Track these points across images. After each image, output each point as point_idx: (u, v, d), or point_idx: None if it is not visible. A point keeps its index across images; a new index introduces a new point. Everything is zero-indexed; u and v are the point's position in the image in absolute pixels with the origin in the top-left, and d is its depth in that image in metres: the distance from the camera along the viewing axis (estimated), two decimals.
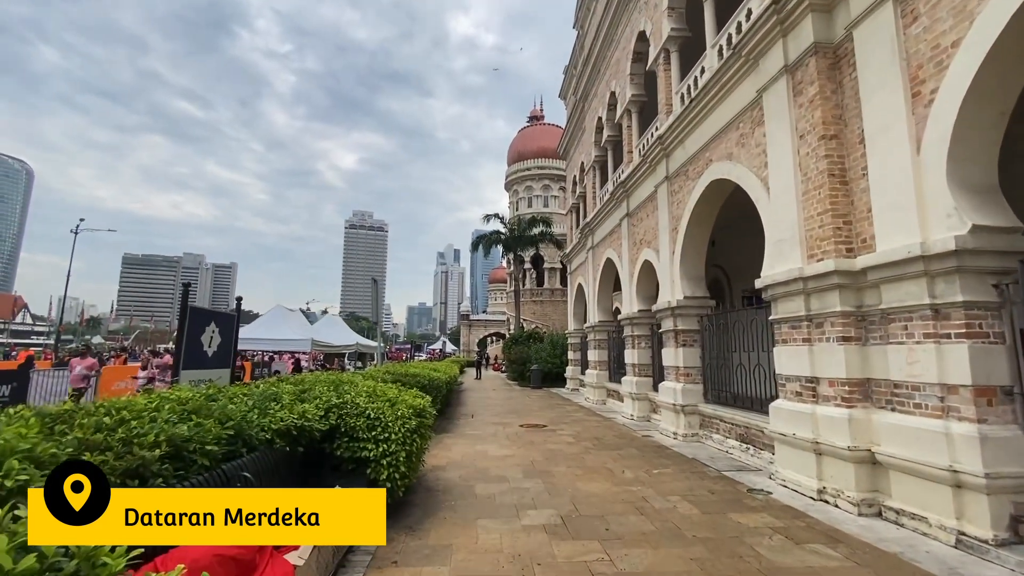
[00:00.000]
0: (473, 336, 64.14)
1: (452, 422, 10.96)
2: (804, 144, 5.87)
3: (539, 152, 41.08)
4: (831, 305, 5.30)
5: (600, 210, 14.84)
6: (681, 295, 9.08)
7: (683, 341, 9.08)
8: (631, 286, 11.99)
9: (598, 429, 10.02)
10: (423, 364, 13.97)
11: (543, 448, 7.99)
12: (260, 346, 11.94)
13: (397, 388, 5.98)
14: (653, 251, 10.61)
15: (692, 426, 8.72)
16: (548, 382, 22.35)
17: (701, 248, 9.21)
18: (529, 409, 13.54)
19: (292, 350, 12.48)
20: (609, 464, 6.87)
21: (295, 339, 11.32)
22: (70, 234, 40.95)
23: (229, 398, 3.67)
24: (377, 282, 11.93)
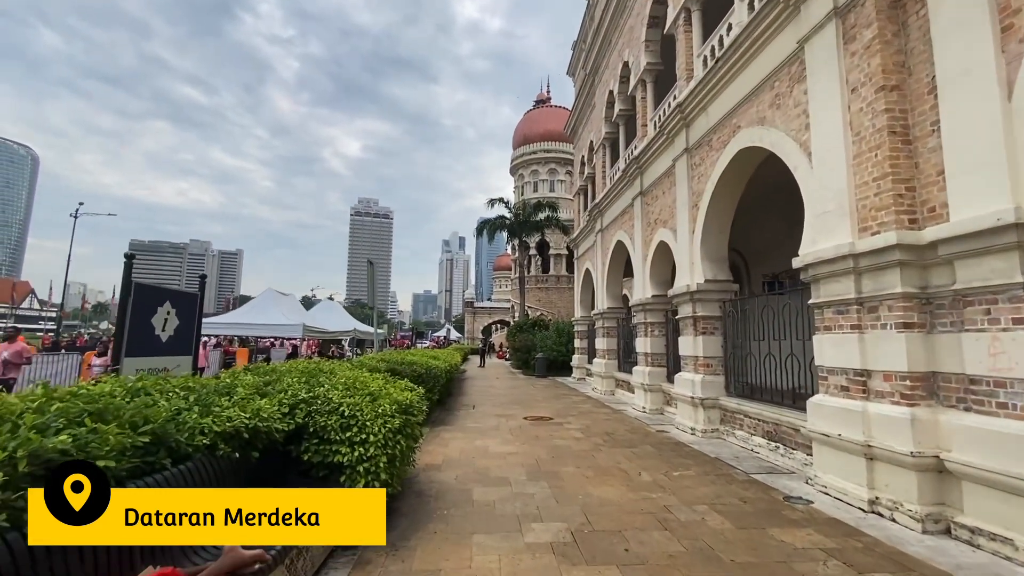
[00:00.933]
0: (477, 324, 63.63)
1: (452, 414, 10.30)
2: (857, 99, 5.04)
3: (545, 135, 39.96)
4: (889, 286, 4.51)
5: (610, 190, 13.98)
6: (701, 278, 8.29)
7: (703, 328, 8.32)
8: (644, 270, 11.21)
9: (608, 422, 9.33)
10: (423, 352, 13.31)
11: (549, 444, 7.30)
12: (247, 331, 11.31)
13: (384, 379, 5.28)
14: (670, 231, 9.80)
15: (712, 421, 8.00)
16: (553, 371, 21.71)
17: (724, 226, 8.40)
18: (534, 399, 12.87)
19: (282, 336, 11.81)
20: (623, 464, 6.17)
21: (285, 324, 10.67)
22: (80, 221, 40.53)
23: (163, 392, 2.97)
24: (373, 264, 11.21)
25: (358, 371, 5.40)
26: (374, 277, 11.18)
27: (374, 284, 11.15)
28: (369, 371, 7.18)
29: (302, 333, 10.50)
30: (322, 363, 5.64)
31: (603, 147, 15.62)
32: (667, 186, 10.05)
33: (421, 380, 8.71)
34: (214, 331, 11.47)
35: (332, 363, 6.04)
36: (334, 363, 6.19)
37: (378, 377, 5.22)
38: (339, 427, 3.60)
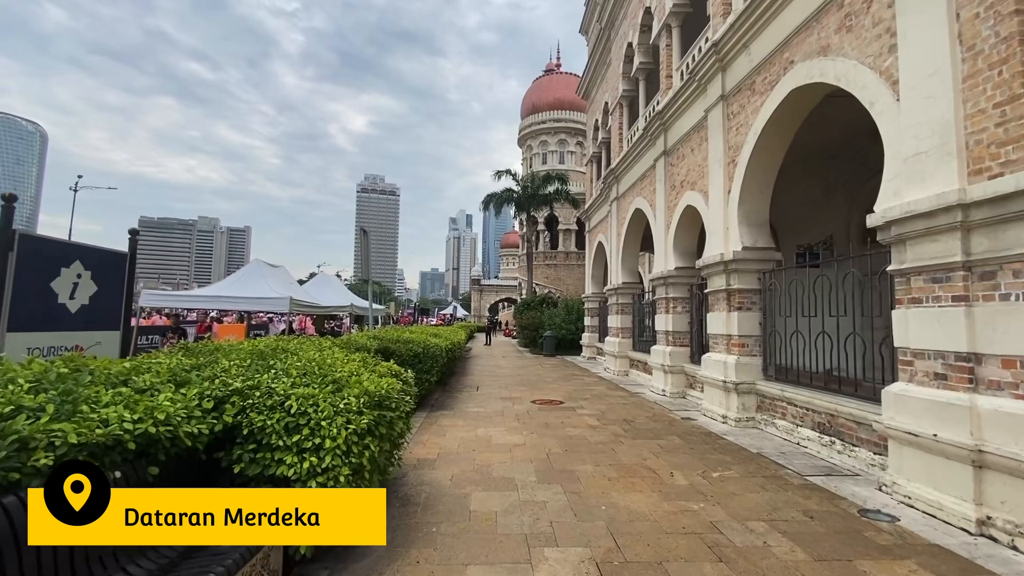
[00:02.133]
0: (484, 301, 62.88)
1: (453, 396, 9.41)
2: (970, 2, 3.85)
3: (555, 103, 38.19)
4: (1016, 244, 3.42)
5: (628, 153, 12.75)
6: (738, 245, 7.19)
7: (738, 303, 7.26)
8: (666, 239, 10.09)
9: (626, 407, 8.38)
10: (423, 329, 12.40)
11: (561, 433, 6.38)
12: (229, 305, 10.37)
13: (363, 360, 4.33)
14: (699, 194, 8.65)
15: (747, 408, 7.02)
16: (562, 349, 20.84)
17: (766, 185, 7.25)
18: (543, 380, 11.96)
19: (269, 310, 10.87)
20: (650, 460, 5.23)
21: (271, 297, 9.75)
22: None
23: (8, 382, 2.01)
24: (368, 233, 10.20)
25: (332, 351, 4.44)
26: (368, 247, 10.18)
27: (368, 255, 10.16)
28: (355, 350, 6.25)
29: (288, 308, 9.60)
30: (288, 340, 4.70)
31: (620, 107, 14.30)
32: (696, 142, 8.85)
33: (418, 360, 7.81)
34: (193, 305, 10.59)
35: (302, 340, 5.10)
36: (306, 340, 5.25)
37: (354, 358, 4.26)
38: (283, 429, 2.64)
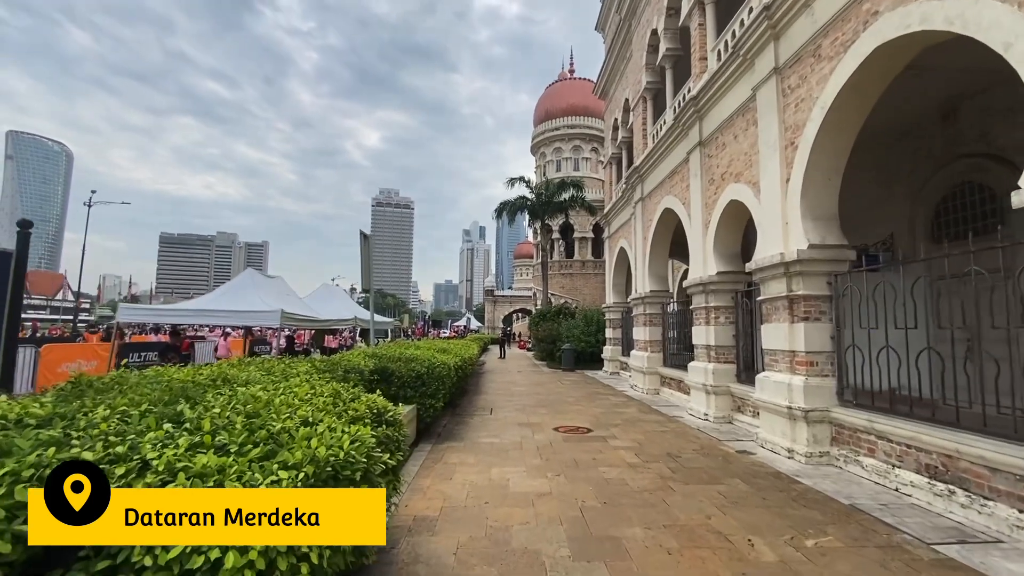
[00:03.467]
0: (498, 312, 61.83)
1: (463, 422, 8.26)
2: None
3: (569, 109, 37.29)
4: None
5: (654, 149, 11.61)
6: (803, 243, 5.98)
7: (804, 313, 6.02)
8: (704, 241, 8.89)
9: (666, 437, 7.14)
10: (431, 344, 11.31)
11: (595, 476, 5.18)
12: (215, 320, 9.40)
13: (334, 393, 3.23)
14: (746, 186, 7.46)
15: (819, 441, 5.74)
16: (582, 363, 19.55)
17: (835, 171, 6.05)
18: (563, 400, 10.74)
19: (258, 324, 9.88)
20: (716, 518, 4.01)
21: (262, 311, 8.75)
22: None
23: None
24: (368, 238, 9.19)
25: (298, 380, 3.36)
26: (370, 253, 9.17)
27: (370, 262, 9.14)
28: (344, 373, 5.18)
29: (279, 322, 8.61)
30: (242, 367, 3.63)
31: (643, 101, 13.19)
32: (741, 127, 7.68)
33: (421, 383, 6.71)
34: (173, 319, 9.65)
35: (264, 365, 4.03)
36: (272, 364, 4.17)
37: (324, 392, 3.15)
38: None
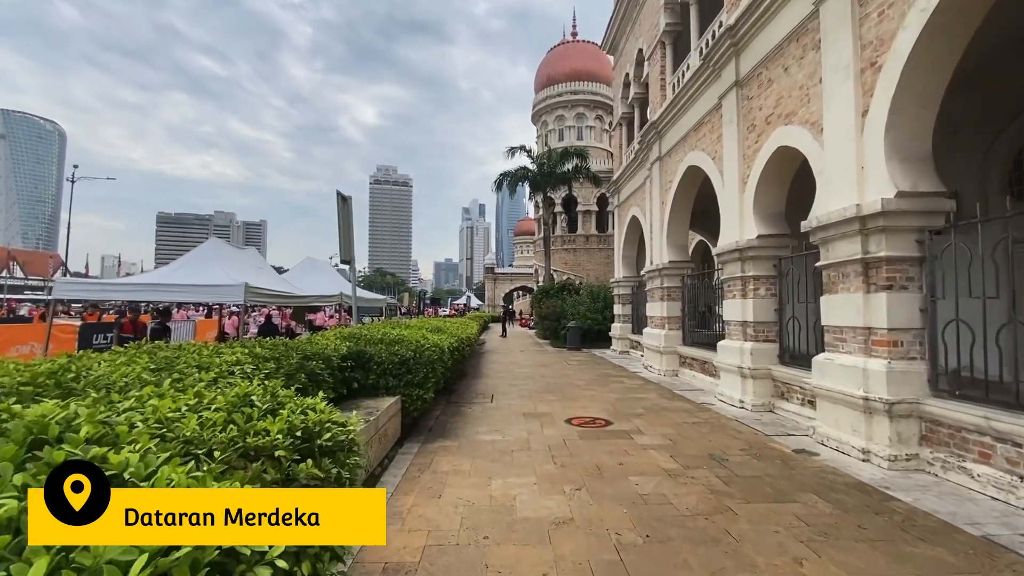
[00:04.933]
0: (499, 290, 60.74)
1: (460, 413, 7.11)
2: None
3: (572, 74, 35.26)
4: None
5: (676, 99, 10.16)
6: (889, 191, 4.69)
7: (886, 280, 4.77)
8: (742, 199, 7.57)
9: (700, 430, 5.98)
10: (422, 323, 10.11)
11: (626, 491, 4.02)
12: (161, 295, 8.08)
13: (211, 392, 2.01)
14: (802, 127, 6.11)
15: (905, 441, 4.57)
16: (587, 342, 18.44)
17: (934, 97, 4.72)
18: (573, 384, 9.59)
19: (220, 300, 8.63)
20: (809, 564, 2.84)
21: (220, 285, 7.52)
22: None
23: None
24: (347, 200, 7.89)
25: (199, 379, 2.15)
26: (349, 218, 7.87)
27: (350, 228, 7.86)
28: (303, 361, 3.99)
29: (243, 297, 7.37)
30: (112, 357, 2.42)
31: (660, 47, 11.66)
32: (795, 55, 6.29)
33: (407, 370, 5.52)
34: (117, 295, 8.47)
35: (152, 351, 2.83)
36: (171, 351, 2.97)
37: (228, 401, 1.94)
38: None
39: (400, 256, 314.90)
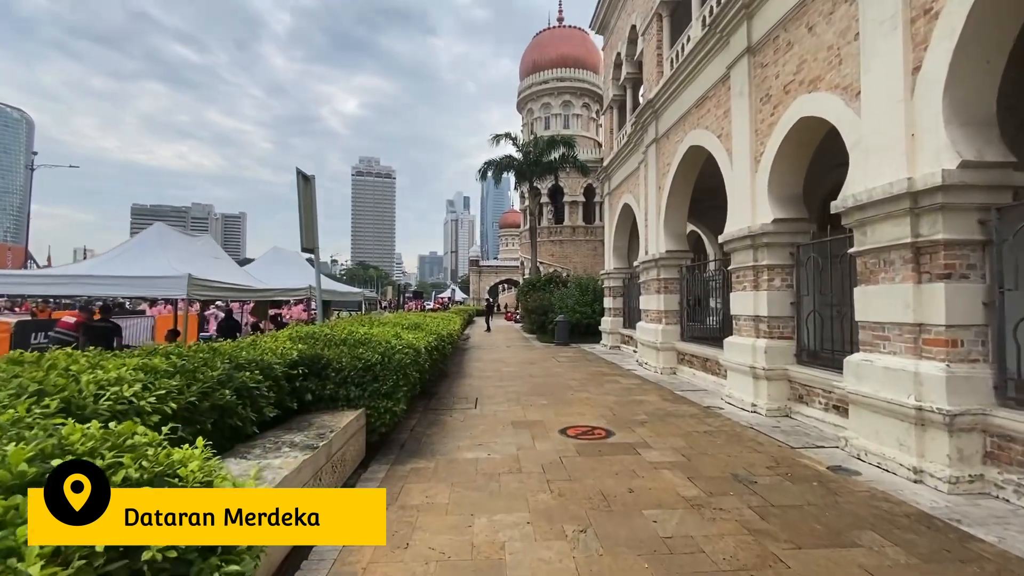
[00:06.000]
0: (484, 283, 59.83)
1: (439, 422, 6.24)
2: None
3: (559, 60, 34.27)
4: None
5: (676, 74, 9.33)
6: (952, 160, 3.92)
7: (944, 269, 4.02)
8: (754, 181, 6.80)
9: (715, 442, 5.21)
10: (398, 319, 9.16)
11: (642, 529, 3.20)
12: (91, 289, 6.93)
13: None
14: (831, 93, 5.32)
15: (967, 459, 3.85)
16: (576, 336, 17.71)
17: (1000, 45, 3.96)
18: (565, 385, 8.78)
19: (153, 293, 7.47)
20: None
21: (160, 276, 6.46)
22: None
23: None
24: (309, 180, 6.91)
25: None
26: (311, 199, 6.90)
27: (312, 211, 6.88)
28: (205, 386, 3.07)
29: (185, 291, 6.34)
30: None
31: (656, 20, 10.82)
32: (822, 11, 5.49)
33: (372, 377, 4.63)
34: (40, 289, 7.33)
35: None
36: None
37: None
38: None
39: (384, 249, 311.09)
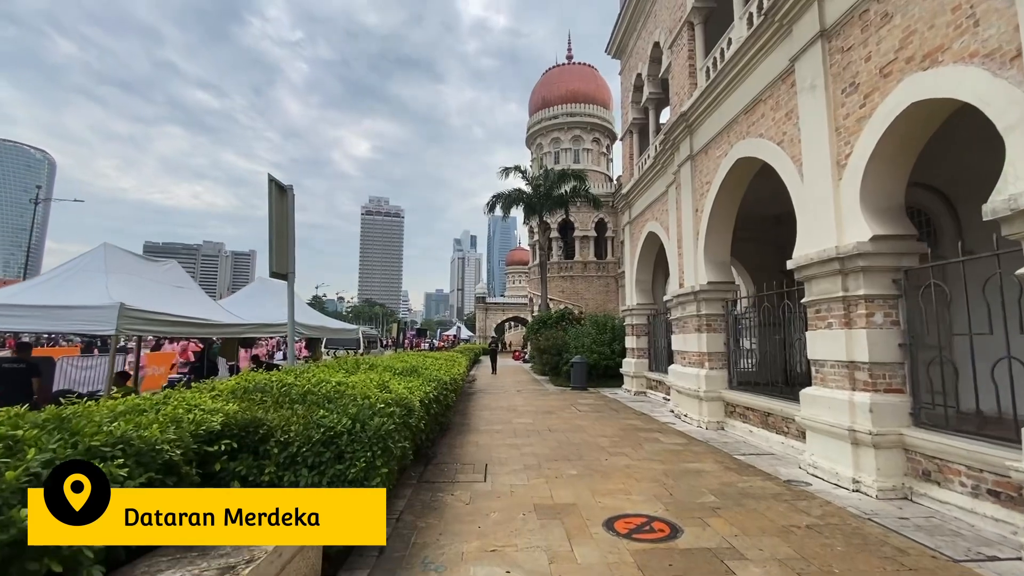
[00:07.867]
0: (490, 321, 58.23)
1: (435, 506, 4.65)
2: None
3: (568, 96, 33.99)
4: None
5: (716, 81, 8.16)
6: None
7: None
8: (836, 192, 5.41)
9: (831, 546, 3.58)
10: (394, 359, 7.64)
11: None
12: (16, 323, 5.46)
13: None
14: (969, 65, 4.01)
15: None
16: (593, 379, 15.97)
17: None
18: (595, 445, 7.15)
19: (76, 329, 6.02)
20: None
21: (86, 307, 5.07)
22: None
23: None
24: (286, 190, 5.64)
25: None
26: (285, 215, 5.59)
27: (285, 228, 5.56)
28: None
29: (114, 325, 4.94)
30: None
31: (687, 30, 9.81)
32: None
33: (337, 453, 3.11)
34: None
35: None
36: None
37: None
38: None
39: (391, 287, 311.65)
